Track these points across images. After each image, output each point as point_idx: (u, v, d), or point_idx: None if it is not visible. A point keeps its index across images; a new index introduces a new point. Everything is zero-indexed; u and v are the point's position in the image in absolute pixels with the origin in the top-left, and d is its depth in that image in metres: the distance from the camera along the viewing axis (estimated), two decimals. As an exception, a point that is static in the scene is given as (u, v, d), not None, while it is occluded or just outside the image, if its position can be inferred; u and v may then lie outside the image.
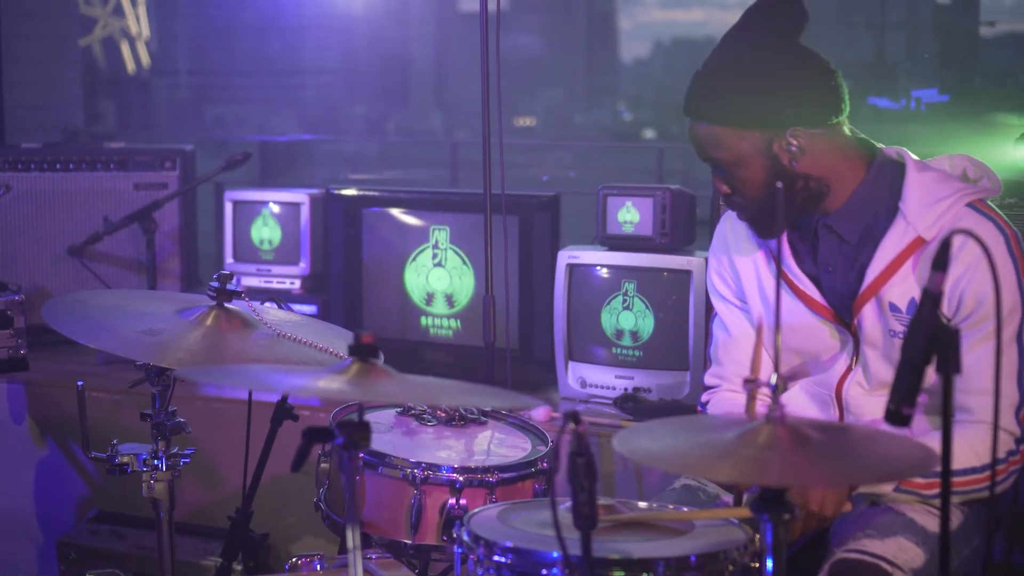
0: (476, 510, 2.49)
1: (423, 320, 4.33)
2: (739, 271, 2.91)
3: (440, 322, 4.32)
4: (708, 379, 3.00)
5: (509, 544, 2.29)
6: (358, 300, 4.43)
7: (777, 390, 2.07)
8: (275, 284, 4.59)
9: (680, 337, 3.92)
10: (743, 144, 2.64)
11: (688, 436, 2.14)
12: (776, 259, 2.28)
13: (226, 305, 2.84)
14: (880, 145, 2.77)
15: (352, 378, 2.08)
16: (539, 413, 3.72)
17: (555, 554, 2.23)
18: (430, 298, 4.34)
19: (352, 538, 1.91)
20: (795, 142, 2.62)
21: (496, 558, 2.28)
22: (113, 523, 4.23)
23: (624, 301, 3.99)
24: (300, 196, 4.59)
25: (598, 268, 4.03)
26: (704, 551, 2.26)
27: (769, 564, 2.07)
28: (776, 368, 2.07)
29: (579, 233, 4.63)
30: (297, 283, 4.58)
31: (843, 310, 2.73)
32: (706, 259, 3.87)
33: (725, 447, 2.06)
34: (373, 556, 2.72)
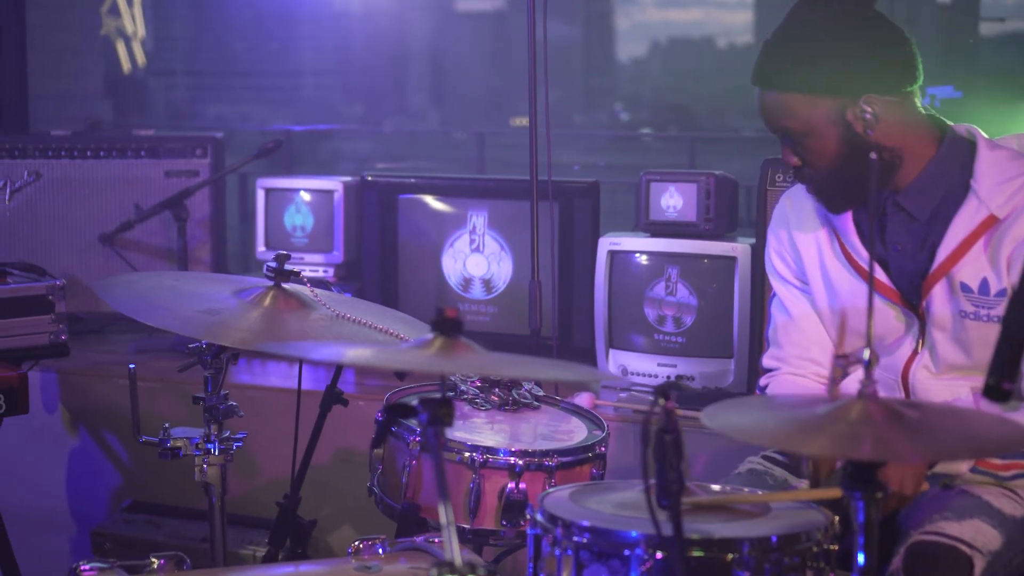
0: (548, 491, 2.45)
1: (461, 306, 4.29)
2: (800, 250, 2.86)
3: (478, 308, 4.28)
4: (767, 361, 2.96)
5: (587, 523, 2.25)
6: (393, 286, 4.39)
7: (870, 365, 2.03)
8: (308, 271, 4.53)
9: (725, 324, 3.88)
10: (815, 112, 2.60)
11: (777, 411, 2.11)
12: (870, 236, 2.24)
13: (283, 286, 2.79)
14: (949, 123, 2.73)
15: (437, 352, 2.04)
16: (582, 400, 3.68)
17: (634, 533, 2.19)
18: (467, 284, 4.31)
19: (445, 514, 1.87)
20: (869, 109, 2.57)
21: (575, 538, 2.24)
22: (148, 512, 4.19)
23: (667, 287, 3.95)
24: (333, 183, 4.55)
25: (640, 255, 3.99)
26: (785, 532, 2.22)
27: (860, 543, 2.03)
28: (869, 343, 2.04)
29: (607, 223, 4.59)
30: (331, 270, 4.54)
31: (911, 291, 2.69)
32: (751, 245, 3.87)
33: (816, 422, 2.02)
34: (437, 540, 2.67)
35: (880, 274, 2.72)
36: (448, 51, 13.79)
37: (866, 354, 2.03)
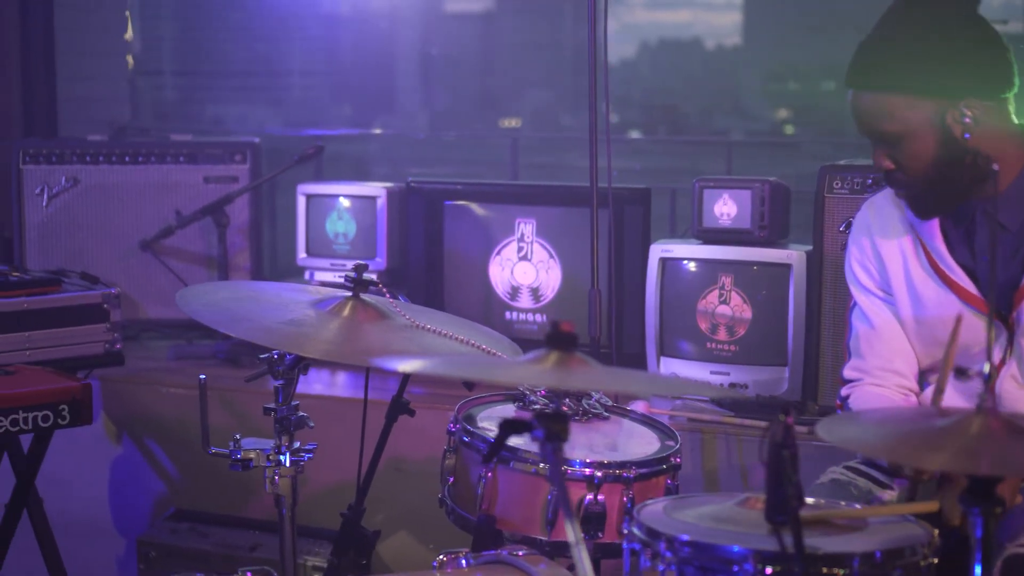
0: (644, 504, 2.42)
1: (508, 314, 4.26)
2: (884, 259, 2.83)
3: (525, 316, 4.25)
4: (848, 372, 2.93)
5: (687, 538, 2.22)
6: (439, 294, 4.35)
7: (990, 379, 2.01)
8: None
9: (779, 332, 3.85)
10: (914, 114, 2.57)
11: (894, 425, 2.08)
12: (991, 246, 2.20)
13: (362, 296, 2.76)
14: None
15: (552, 367, 2.00)
16: (637, 408, 3.66)
17: (736, 548, 2.16)
18: (515, 292, 4.27)
19: (573, 532, 1.84)
20: (969, 113, 2.54)
21: (677, 553, 2.21)
22: (192, 521, 4.15)
23: (721, 295, 3.93)
24: (376, 189, 4.51)
25: (693, 262, 3.96)
26: (890, 546, 2.19)
27: (978, 558, 2.01)
28: (988, 356, 2.02)
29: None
30: (373, 277, 4.48)
31: (1000, 302, 2.67)
32: (806, 252, 3.85)
33: (936, 436, 2.00)
34: (521, 552, 2.65)
35: (967, 283, 2.70)
36: (437, 52, 13.70)
37: (986, 368, 2.01)
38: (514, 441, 2.89)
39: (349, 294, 2.78)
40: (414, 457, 3.94)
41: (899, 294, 2.82)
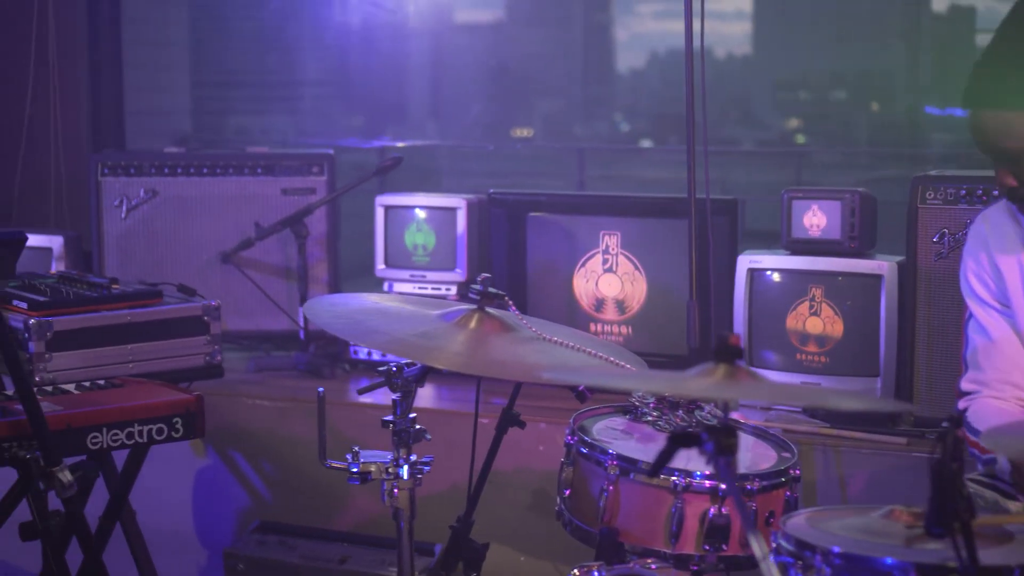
0: (787, 516, 2.42)
1: (592, 327, 4.26)
2: (1003, 272, 2.83)
3: (611, 328, 4.25)
4: (966, 384, 2.92)
5: (839, 550, 2.22)
6: (522, 306, 4.33)
7: None
8: (430, 290, 4.51)
9: (870, 343, 3.84)
10: None
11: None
12: None
13: (487, 309, 2.76)
14: None
15: (721, 380, 2.00)
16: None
17: (889, 560, 2.16)
18: (600, 304, 4.27)
19: (758, 547, 1.83)
20: None
21: (831, 565, 2.21)
22: (278, 533, 4.14)
23: (811, 306, 3.92)
24: (456, 200, 4.51)
25: (782, 273, 3.96)
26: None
27: None
28: None
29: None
30: (453, 289, 4.50)
31: None
32: (899, 263, 3.84)
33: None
34: (655, 566, 2.65)
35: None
36: (446, 62, 13.69)
37: None
38: (635, 453, 2.89)
39: (474, 306, 2.78)
40: (505, 468, 3.93)
41: (1017, 307, 2.82)
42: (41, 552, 3.27)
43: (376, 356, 4.49)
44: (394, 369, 2.87)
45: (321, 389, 2.89)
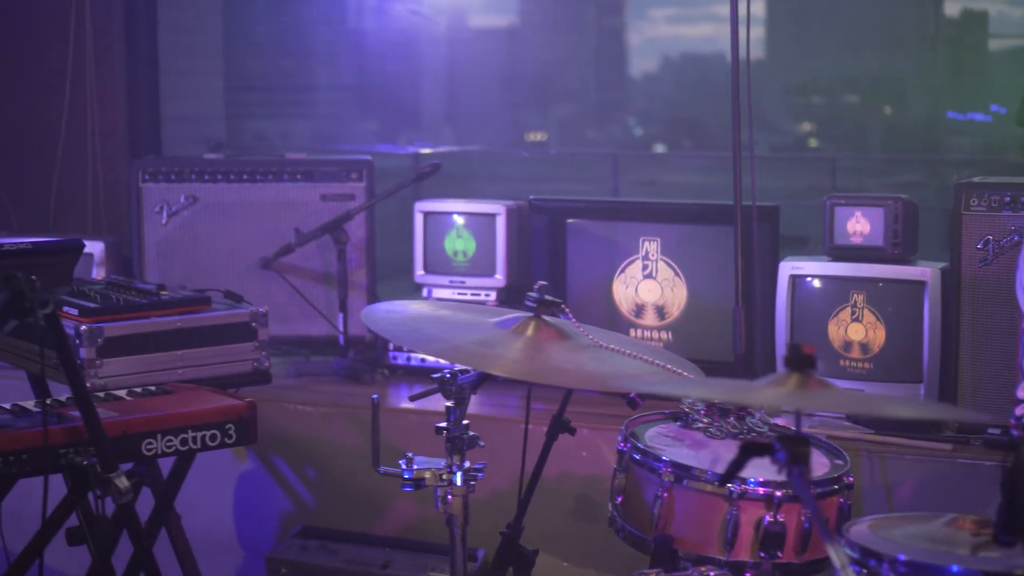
0: (850, 523, 2.43)
1: (632, 332, 4.26)
2: None
3: (650, 334, 4.26)
4: (1022, 392, 2.93)
5: (905, 557, 2.23)
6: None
7: None
8: (469, 296, 4.52)
9: (914, 349, 3.85)
10: None
11: None
12: None
13: (544, 317, 2.77)
14: None
15: (793, 390, 2.01)
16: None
17: (956, 568, 2.17)
18: (639, 310, 4.28)
19: (837, 557, 1.84)
20: None
21: (897, 572, 2.22)
22: (320, 538, 4.16)
23: (853, 313, 3.93)
24: (495, 207, 4.52)
25: (824, 279, 3.97)
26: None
27: None
28: None
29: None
30: (492, 295, 4.51)
31: None
32: (942, 269, 3.85)
33: None
34: (712, 573, 2.65)
35: None
36: (461, 66, 13.69)
37: None
38: (688, 459, 2.90)
39: (530, 314, 2.79)
40: (546, 474, 3.93)
41: (1076, 312, 2.82)
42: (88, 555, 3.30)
43: (415, 362, 4.51)
44: (448, 376, 2.88)
45: (375, 396, 2.90)
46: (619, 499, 3.00)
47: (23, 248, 2.80)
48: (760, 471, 2.84)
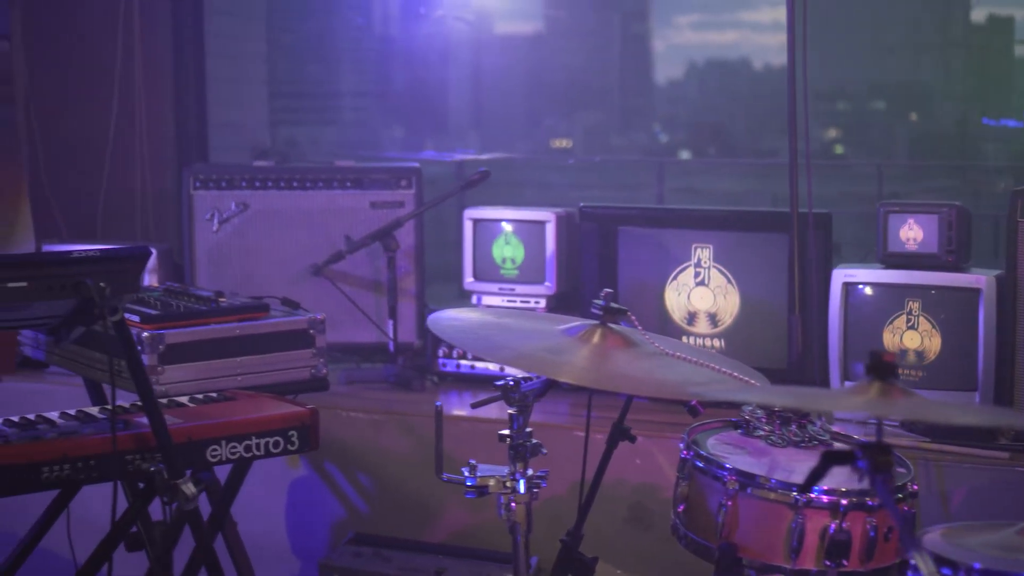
0: (923, 532, 2.43)
1: (684, 340, 4.26)
2: None
3: (702, 342, 4.26)
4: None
5: (980, 566, 2.23)
6: (612, 319, 4.36)
7: None
8: (519, 303, 4.53)
9: (968, 357, 3.84)
10: None
11: None
12: None
13: (610, 324, 2.78)
14: None
15: (875, 397, 2.01)
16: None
17: (1032, 578, 2.17)
18: (692, 317, 4.28)
19: (924, 565, 1.84)
20: None
21: (974, 583, 2.22)
22: (373, 545, 4.17)
23: (908, 320, 3.92)
24: (545, 214, 4.53)
25: (878, 287, 3.96)
26: None
27: None
28: None
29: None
30: (542, 302, 4.52)
31: None
32: (996, 276, 3.83)
33: None
34: (786, 581, 2.65)
35: None
36: (486, 73, 13.74)
37: None
38: (752, 467, 2.90)
39: (596, 321, 2.79)
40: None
41: None
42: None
43: (464, 369, 4.53)
44: (511, 384, 2.89)
45: (439, 403, 2.91)
46: (681, 507, 3.00)
47: (92, 255, 2.83)
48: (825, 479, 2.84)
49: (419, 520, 4.21)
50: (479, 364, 4.49)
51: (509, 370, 4.35)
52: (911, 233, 3.95)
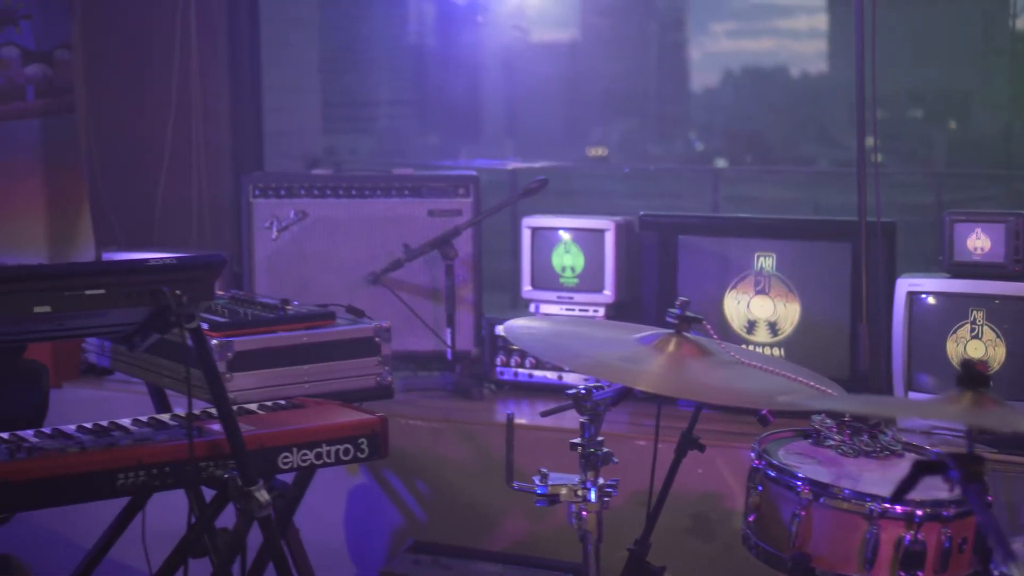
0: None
1: (744, 348, 4.25)
2: None
3: (762, 351, 4.24)
4: None
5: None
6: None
7: None
8: (577, 311, 4.53)
9: (1034, 367, 3.81)
10: None
11: None
12: None
13: (685, 333, 2.77)
14: None
15: (968, 407, 2.00)
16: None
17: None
18: (752, 326, 4.27)
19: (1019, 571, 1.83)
20: None
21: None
22: (432, 553, 4.17)
23: (972, 330, 3.89)
24: (604, 223, 4.53)
25: (942, 296, 3.94)
26: None
27: None
28: None
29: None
30: (601, 310, 4.51)
31: None
32: (1064, 286, 3.80)
33: None
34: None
35: None
36: (522, 80, 13.71)
37: None
38: (824, 477, 2.89)
39: (671, 330, 2.79)
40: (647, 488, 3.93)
41: None
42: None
43: (523, 377, 4.53)
44: (583, 392, 2.89)
45: (511, 411, 2.92)
46: (752, 517, 2.99)
47: (168, 263, 2.84)
48: (890, 489, 2.83)
49: (478, 528, 4.21)
50: (537, 372, 4.50)
51: (567, 378, 4.35)
52: (978, 242, 3.92)
